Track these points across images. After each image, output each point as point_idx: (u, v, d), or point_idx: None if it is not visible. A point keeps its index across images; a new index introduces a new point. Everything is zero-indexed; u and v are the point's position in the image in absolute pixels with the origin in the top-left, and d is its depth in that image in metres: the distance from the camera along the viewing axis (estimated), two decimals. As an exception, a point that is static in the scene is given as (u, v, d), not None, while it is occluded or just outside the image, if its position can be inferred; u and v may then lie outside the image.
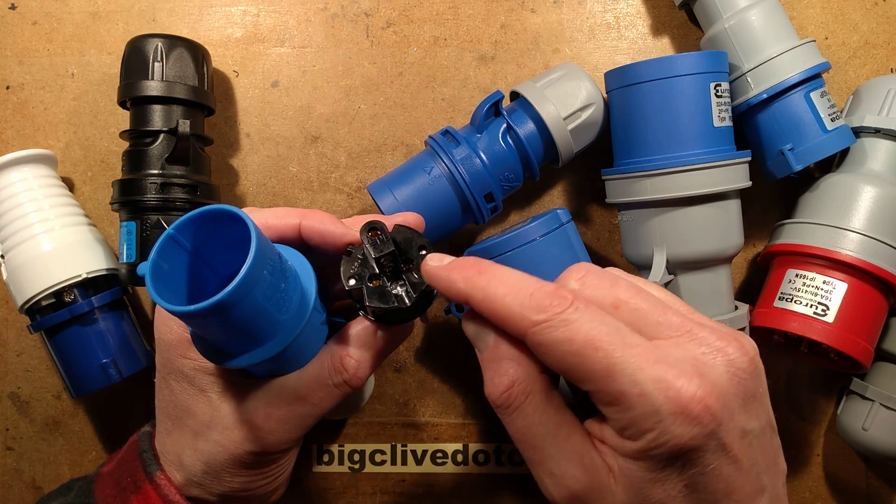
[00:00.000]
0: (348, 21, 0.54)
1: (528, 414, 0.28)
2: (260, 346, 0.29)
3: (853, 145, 0.47)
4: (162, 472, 0.34)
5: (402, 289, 0.33)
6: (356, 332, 0.34)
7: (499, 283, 0.28)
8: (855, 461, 0.53)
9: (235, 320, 0.27)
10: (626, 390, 0.25)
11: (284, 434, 0.34)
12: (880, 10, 0.52)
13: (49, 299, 0.47)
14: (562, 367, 0.26)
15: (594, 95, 0.47)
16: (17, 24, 0.54)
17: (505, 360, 0.28)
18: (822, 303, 0.44)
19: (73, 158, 0.54)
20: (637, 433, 0.25)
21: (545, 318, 0.26)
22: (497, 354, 0.29)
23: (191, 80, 0.48)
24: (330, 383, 0.34)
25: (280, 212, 0.35)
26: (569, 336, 0.26)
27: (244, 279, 0.26)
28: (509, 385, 0.28)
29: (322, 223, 0.34)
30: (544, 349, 0.26)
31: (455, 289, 0.29)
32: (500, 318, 0.28)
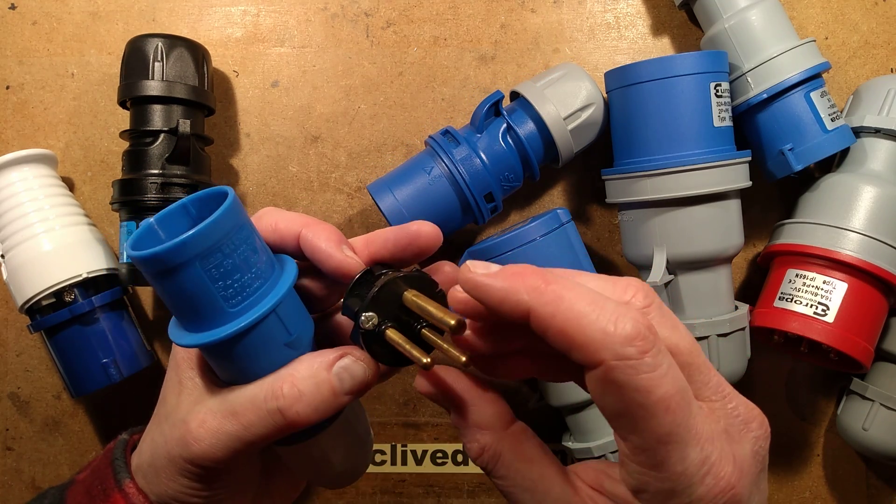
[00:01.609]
0: (348, 21, 0.54)
1: (502, 475, 0.28)
2: (200, 330, 0.28)
3: (853, 145, 0.47)
4: (131, 481, 0.33)
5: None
6: (313, 361, 0.29)
7: (575, 296, 0.23)
8: (855, 461, 0.53)
9: (177, 288, 0.26)
10: (673, 463, 0.23)
11: (210, 448, 0.29)
12: (880, 10, 0.52)
13: (49, 299, 0.47)
14: (621, 411, 0.23)
15: (594, 95, 0.47)
16: (17, 24, 0.54)
17: (470, 427, 0.28)
18: (822, 303, 0.44)
19: (73, 158, 0.54)
20: (661, 500, 0.24)
21: (630, 353, 0.22)
22: (461, 423, 0.29)
23: (191, 79, 0.48)
24: (262, 406, 0.29)
25: (291, 217, 0.32)
26: (649, 386, 0.22)
27: (183, 241, 0.25)
28: (479, 452, 0.28)
29: (317, 238, 0.30)
30: (614, 388, 0.23)
31: (513, 301, 0.24)
32: (571, 343, 0.23)
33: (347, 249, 0.30)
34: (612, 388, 0.23)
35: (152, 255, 0.25)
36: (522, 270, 0.25)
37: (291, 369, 0.29)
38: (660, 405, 0.22)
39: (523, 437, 0.29)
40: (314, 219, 0.32)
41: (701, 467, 0.23)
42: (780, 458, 0.53)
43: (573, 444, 0.49)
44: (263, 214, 0.33)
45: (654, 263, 0.45)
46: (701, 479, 0.23)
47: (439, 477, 0.54)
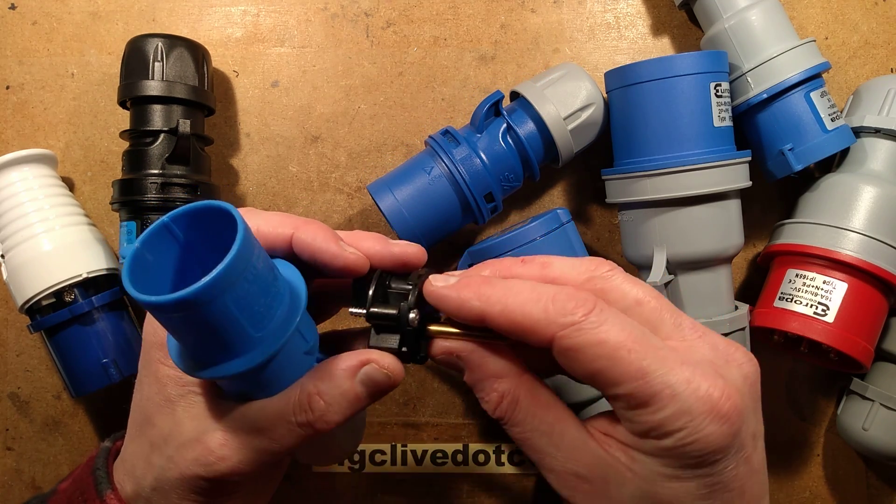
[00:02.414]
0: (348, 21, 0.54)
1: (521, 421, 0.28)
2: (226, 360, 0.27)
3: (853, 145, 0.47)
4: (113, 492, 0.32)
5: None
6: (336, 371, 0.30)
7: (516, 292, 0.27)
8: (855, 461, 0.53)
9: (202, 324, 0.25)
10: (658, 392, 0.25)
11: (237, 465, 0.30)
12: (880, 10, 0.52)
13: (49, 299, 0.47)
14: (590, 370, 0.26)
15: (594, 95, 0.47)
16: (17, 24, 0.54)
17: (487, 378, 0.29)
18: (822, 303, 0.44)
19: (73, 158, 0.54)
20: (666, 433, 0.25)
21: (573, 320, 0.26)
22: (475, 377, 0.29)
23: (191, 79, 0.48)
24: (292, 420, 0.30)
25: (274, 219, 0.31)
26: (600, 339, 0.25)
27: (216, 279, 0.23)
28: (498, 401, 0.29)
29: (315, 239, 0.31)
30: (573, 353, 0.26)
31: (468, 307, 0.28)
32: (522, 329, 0.27)
33: (346, 246, 0.31)
34: (571, 354, 0.26)
35: (180, 299, 0.23)
36: (470, 281, 0.28)
37: (316, 382, 0.30)
38: (620, 350, 0.25)
39: (537, 383, 0.29)
40: (300, 218, 0.32)
41: (688, 385, 0.25)
42: (780, 458, 0.53)
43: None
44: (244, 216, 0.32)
45: (654, 263, 0.45)
46: (692, 392, 0.25)
47: (439, 477, 0.54)
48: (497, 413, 0.29)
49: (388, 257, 0.32)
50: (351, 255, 0.31)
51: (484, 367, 0.29)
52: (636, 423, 0.26)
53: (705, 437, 0.25)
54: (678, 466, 0.26)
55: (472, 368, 0.29)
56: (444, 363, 0.30)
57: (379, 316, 0.30)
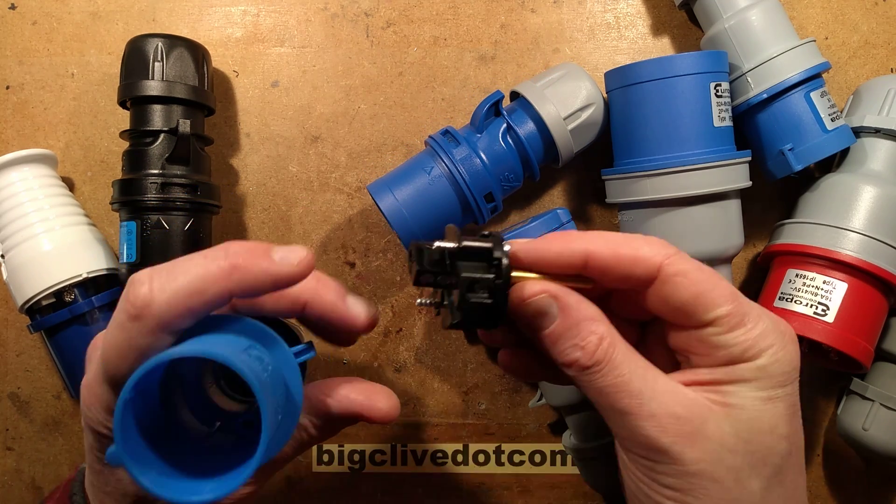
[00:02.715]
0: (348, 21, 0.54)
1: (620, 363, 0.28)
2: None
3: (853, 145, 0.47)
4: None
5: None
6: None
7: (613, 237, 0.29)
8: (855, 461, 0.53)
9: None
10: (748, 312, 0.28)
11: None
12: (880, 10, 0.52)
13: (49, 299, 0.47)
14: (693, 293, 0.27)
15: (594, 95, 0.47)
16: (17, 24, 0.54)
17: (582, 321, 0.28)
18: (822, 303, 0.44)
19: (73, 158, 0.54)
20: (760, 350, 0.27)
21: (674, 250, 0.28)
22: (571, 321, 0.28)
23: (191, 79, 0.48)
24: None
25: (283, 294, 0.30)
26: (698, 265, 0.28)
27: (258, 460, 0.23)
28: (598, 342, 0.28)
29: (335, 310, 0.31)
30: (679, 278, 0.28)
31: (570, 249, 0.28)
32: (630, 260, 0.28)
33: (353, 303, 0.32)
34: (677, 279, 0.28)
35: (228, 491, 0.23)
36: (555, 234, 0.29)
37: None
38: (714, 276, 0.28)
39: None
40: (314, 285, 0.31)
41: (762, 310, 0.29)
42: (780, 458, 0.53)
43: (573, 444, 0.49)
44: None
45: (654, 263, 0.45)
46: (769, 316, 0.28)
47: (439, 477, 0.54)
48: (596, 356, 0.28)
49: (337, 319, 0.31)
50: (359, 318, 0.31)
51: (581, 308, 0.28)
52: (733, 346, 0.27)
53: (788, 353, 0.28)
54: (771, 387, 0.27)
55: (568, 311, 0.28)
56: (531, 312, 0.29)
57: (471, 251, 0.28)
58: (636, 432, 0.27)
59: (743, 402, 0.27)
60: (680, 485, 0.27)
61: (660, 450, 0.27)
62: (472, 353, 0.53)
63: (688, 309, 0.28)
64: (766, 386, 0.28)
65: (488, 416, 0.54)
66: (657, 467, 0.27)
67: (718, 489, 0.27)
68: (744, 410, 0.27)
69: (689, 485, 0.27)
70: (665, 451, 0.27)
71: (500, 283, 0.27)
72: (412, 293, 0.53)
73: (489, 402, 0.54)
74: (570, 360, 0.28)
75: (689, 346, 0.29)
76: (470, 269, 0.27)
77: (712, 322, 0.28)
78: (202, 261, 0.26)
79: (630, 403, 0.27)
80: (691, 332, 0.29)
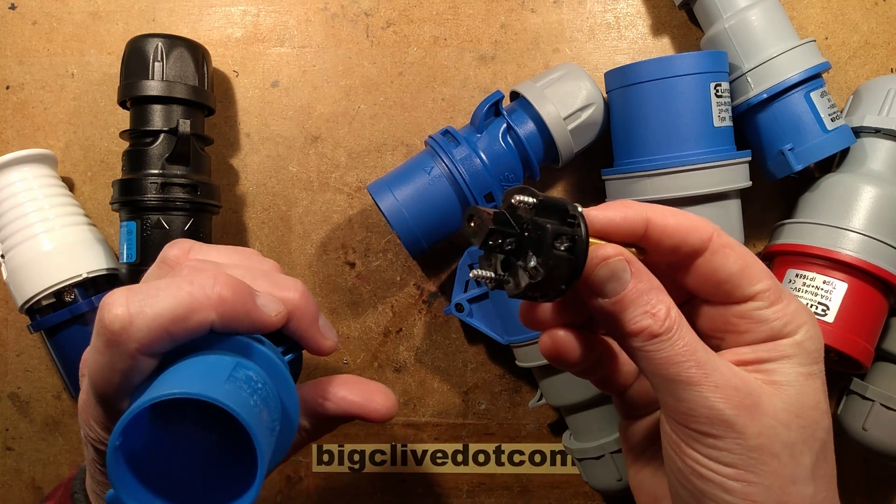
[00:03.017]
0: (348, 21, 0.54)
1: (686, 333, 0.28)
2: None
3: (853, 145, 0.47)
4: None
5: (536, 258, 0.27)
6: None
7: (663, 206, 0.30)
8: (855, 461, 0.53)
9: None
10: (782, 290, 0.29)
11: None
12: (880, 10, 0.52)
13: (49, 299, 0.47)
14: (739, 266, 0.29)
15: (594, 95, 0.47)
16: (17, 24, 0.54)
17: (652, 290, 0.28)
18: (822, 303, 0.44)
19: (73, 158, 0.54)
20: (797, 326, 0.28)
21: (716, 226, 0.29)
22: (642, 288, 0.28)
23: (191, 79, 0.48)
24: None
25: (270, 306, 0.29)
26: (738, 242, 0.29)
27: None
28: (668, 309, 0.28)
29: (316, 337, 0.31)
30: (728, 250, 0.29)
31: (633, 213, 0.29)
32: (686, 228, 0.29)
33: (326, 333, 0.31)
34: (726, 251, 0.29)
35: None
36: (618, 202, 0.30)
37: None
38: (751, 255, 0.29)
39: None
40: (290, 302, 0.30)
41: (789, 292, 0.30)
42: (780, 458, 0.53)
43: (573, 444, 0.49)
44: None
45: (654, 263, 0.45)
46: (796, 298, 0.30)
47: (439, 477, 0.54)
48: (667, 324, 0.28)
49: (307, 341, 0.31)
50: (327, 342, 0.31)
51: (650, 277, 0.28)
52: (774, 320, 0.28)
53: (819, 331, 0.29)
54: (809, 363, 0.28)
55: (640, 276, 0.28)
56: (605, 275, 0.28)
57: (549, 204, 0.27)
58: (700, 403, 0.27)
59: (788, 379, 0.28)
60: (741, 461, 0.27)
61: (724, 422, 0.27)
62: (472, 353, 0.53)
63: (734, 281, 0.29)
64: (805, 362, 0.28)
65: (488, 416, 0.54)
66: (718, 443, 0.27)
67: (777, 465, 0.27)
68: (791, 387, 0.28)
69: (750, 460, 0.27)
70: (730, 424, 0.27)
71: (581, 236, 0.27)
72: (412, 293, 0.53)
73: (489, 402, 0.54)
74: (641, 328, 0.28)
75: (726, 325, 0.30)
76: (552, 223, 0.27)
77: (755, 296, 0.29)
78: (188, 286, 0.25)
79: (697, 373, 0.27)
80: (730, 309, 0.29)
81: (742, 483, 0.27)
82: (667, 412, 0.29)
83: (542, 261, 0.26)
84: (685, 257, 0.29)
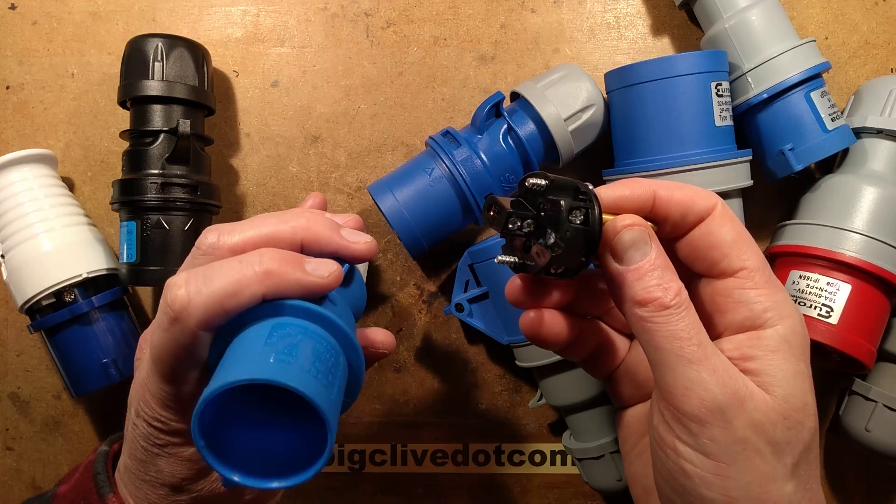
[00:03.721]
0: (348, 21, 0.53)
1: (692, 314, 0.28)
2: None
3: (854, 145, 0.47)
4: (114, 496, 0.33)
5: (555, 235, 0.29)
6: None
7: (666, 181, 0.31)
8: (855, 461, 0.53)
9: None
10: (772, 279, 0.29)
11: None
12: (880, 10, 0.52)
13: (49, 299, 0.47)
14: (734, 237, 0.30)
15: (595, 96, 0.47)
16: (17, 24, 0.54)
17: (668, 268, 0.29)
18: (826, 304, 0.44)
19: (73, 158, 0.54)
20: (778, 317, 0.29)
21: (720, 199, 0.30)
22: (659, 263, 0.29)
23: (191, 79, 0.48)
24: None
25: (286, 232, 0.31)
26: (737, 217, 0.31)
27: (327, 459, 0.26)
28: (679, 288, 0.28)
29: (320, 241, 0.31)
30: (728, 220, 0.30)
31: (640, 188, 0.30)
32: (690, 198, 0.30)
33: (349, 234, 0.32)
34: (726, 220, 0.30)
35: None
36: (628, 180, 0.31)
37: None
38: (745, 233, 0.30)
39: None
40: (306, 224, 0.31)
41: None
42: (781, 459, 0.53)
43: (573, 444, 0.49)
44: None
45: (655, 263, 0.44)
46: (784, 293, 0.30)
47: (439, 477, 0.54)
48: (678, 299, 0.28)
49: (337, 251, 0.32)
50: (358, 245, 0.32)
51: (667, 257, 0.29)
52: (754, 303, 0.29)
53: (804, 328, 0.29)
54: (796, 360, 0.28)
55: (661, 252, 0.29)
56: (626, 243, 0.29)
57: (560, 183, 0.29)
58: (697, 384, 0.27)
59: (777, 378, 0.28)
60: (722, 453, 0.27)
61: (716, 407, 0.27)
62: (472, 353, 0.53)
63: (724, 249, 0.29)
64: (791, 358, 0.28)
65: (488, 416, 0.54)
66: (704, 430, 0.27)
67: (759, 461, 0.27)
68: (779, 387, 0.28)
69: (732, 453, 0.27)
70: (721, 410, 0.27)
71: (593, 210, 0.28)
72: (412, 293, 0.53)
73: (489, 402, 0.54)
74: (653, 297, 0.28)
75: (711, 304, 0.30)
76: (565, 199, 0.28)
77: (739, 272, 0.29)
78: (238, 265, 0.27)
79: (697, 352, 0.27)
80: (716, 286, 0.30)
81: (721, 477, 0.27)
82: (659, 393, 0.29)
83: (560, 234, 0.28)
84: (691, 226, 0.30)
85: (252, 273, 0.27)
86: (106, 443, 0.37)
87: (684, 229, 0.31)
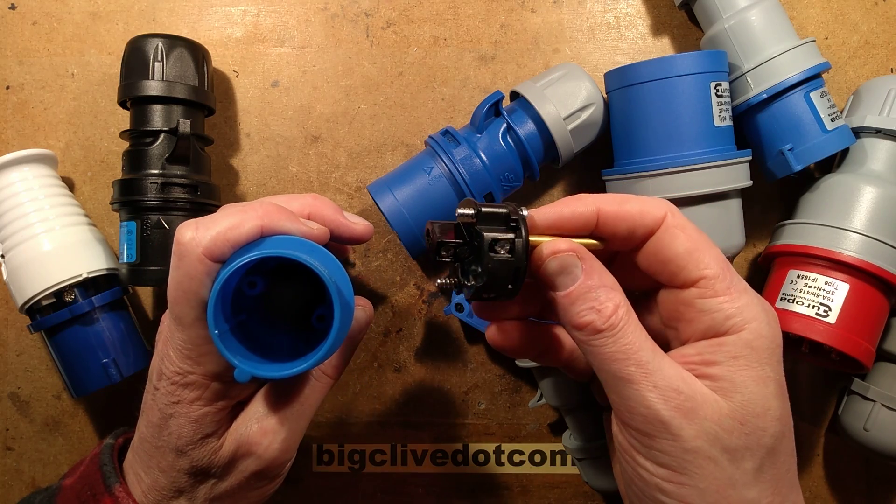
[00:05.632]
0: (348, 21, 0.54)
1: (631, 332, 0.28)
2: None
3: (853, 145, 0.47)
4: (121, 485, 0.34)
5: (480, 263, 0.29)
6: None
7: (614, 194, 0.31)
8: (855, 461, 0.53)
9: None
10: (735, 283, 0.29)
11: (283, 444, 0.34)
12: (880, 10, 0.52)
13: (49, 299, 0.47)
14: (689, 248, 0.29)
15: (594, 95, 0.47)
16: (17, 24, 0.54)
17: (601, 287, 0.29)
18: (823, 303, 0.44)
19: (73, 158, 0.54)
20: (742, 323, 0.28)
21: (676, 208, 0.30)
22: (593, 283, 0.29)
23: (191, 79, 0.48)
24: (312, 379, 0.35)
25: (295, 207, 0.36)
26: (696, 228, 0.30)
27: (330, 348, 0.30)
28: (615, 309, 0.28)
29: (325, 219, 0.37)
30: (678, 230, 0.29)
31: (582, 208, 0.30)
32: (637, 213, 0.30)
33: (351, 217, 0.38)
34: (677, 231, 0.29)
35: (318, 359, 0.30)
36: (571, 198, 0.31)
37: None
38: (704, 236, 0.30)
39: None
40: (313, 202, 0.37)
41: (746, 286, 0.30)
42: (781, 459, 0.53)
43: (573, 444, 0.49)
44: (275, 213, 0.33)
45: (655, 263, 0.44)
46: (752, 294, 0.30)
47: (439, 477, 0.54)
48: (611, 321, 0.28)
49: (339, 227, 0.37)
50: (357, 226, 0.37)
51: (602, 274, 0.29)
52: (716, 311, 0.28)
53: (772, 330, 0.29)
54: (760, 365, 0.28)
55: (591, 273, 0.29)
56: (554, 269, 0.29)
57: (489, 215, 0.29)
58: (638, 402, 0.27)
59: (736, 384, 0.28)
60: (675, 463, 0.27)
61: (660, 422, 0.27)
62: (472, 353, 0.53)
63: (680, 262, 0.29)
64: (754, 363, 0.28)
65: (488, 416, 0.54)
66: (654, 443, 0.27)
67: (713, 468, 0.27)
68: (738, 393, 0.28)
69: (685, 463, 0.27)
70: (666, 424, 0.27)
71: (520, 240, 0.28)
72: (412, 293, 0.53)
73: (489, 402, 0.54)
74: (585, 322, 0.28)
75: (676, 312, 0.30)
76: (490, 231, 0.29)
77: (698, 281, 0.29)
78: (240, 209, 0.31)
79: (636, 372, 0.27)
80: (678, 295, 0.30)
81: (675, 485, 0.27)
82: (613, 409, 0.29)
83: (482, 266, 0.28)
84: (638, 241, 0.30)
85: (252, 211, 0.31)
86: (112, 436, 0.38)
87: (636, 243, 0.30)
